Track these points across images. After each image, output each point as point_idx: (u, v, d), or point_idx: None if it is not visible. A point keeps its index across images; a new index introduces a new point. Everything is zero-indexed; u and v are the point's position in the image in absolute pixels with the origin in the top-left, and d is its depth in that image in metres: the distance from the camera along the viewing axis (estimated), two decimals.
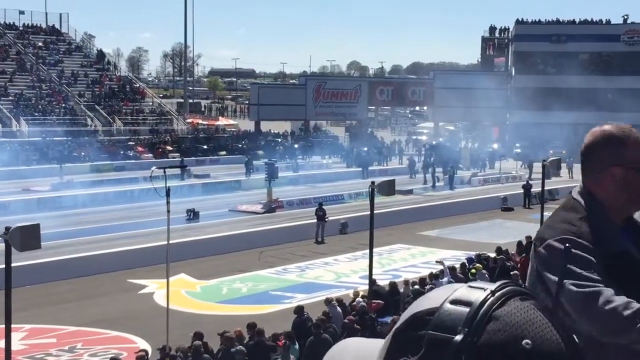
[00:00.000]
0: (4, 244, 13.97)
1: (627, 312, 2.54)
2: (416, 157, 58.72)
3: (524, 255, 23.03)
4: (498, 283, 1.25)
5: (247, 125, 78.91)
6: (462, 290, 1.24)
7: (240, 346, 15.21)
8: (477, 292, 1.23)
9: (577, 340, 1.27)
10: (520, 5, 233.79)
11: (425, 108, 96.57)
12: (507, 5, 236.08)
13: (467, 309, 1.20)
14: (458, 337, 1.18)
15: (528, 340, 1.17)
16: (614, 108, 70.78)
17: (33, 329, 20.23)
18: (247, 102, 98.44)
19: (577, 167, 54.93)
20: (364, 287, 20.31)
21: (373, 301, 18.51)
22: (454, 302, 1.22)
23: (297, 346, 15.56)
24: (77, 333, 19.93)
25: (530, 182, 43.42)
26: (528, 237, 24.56)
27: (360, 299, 18.48)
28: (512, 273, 20.53)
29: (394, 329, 1.27)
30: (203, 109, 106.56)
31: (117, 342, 19.35)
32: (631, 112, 67.85)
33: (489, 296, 1.21)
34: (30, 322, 20.64)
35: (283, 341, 15.52)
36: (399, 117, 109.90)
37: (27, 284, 24.04)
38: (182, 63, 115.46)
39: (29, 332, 19.97)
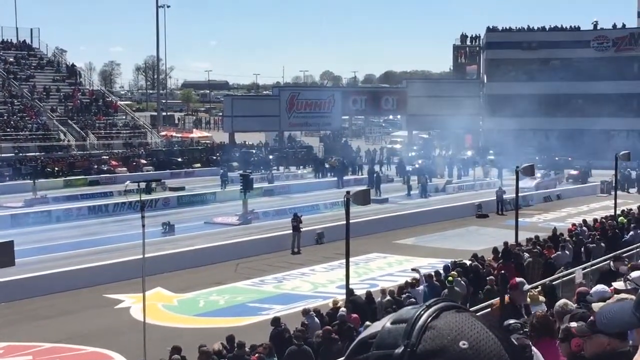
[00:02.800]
0: None
1: None
2: (377, 166, 58.53)
3: (500, 261, 23.13)
4: (434, 299, 1.34)
5: (221, 137, 78.79)
6: (400, 312, 1.34)
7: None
8: (413, 310, 1.32)
9: (516, 343, 1.35)
10: (491, 13, 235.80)
11: (398, 116, 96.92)
12: (478, 13, 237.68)
13: (405, 325, 1.29)
14: (398, 350, 1.27)
15: (464, 342, 1.26)
16: (585, 114, 71.48)
17: (9, 346, 20.03)
18: (220, 113, 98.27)
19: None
20: (341, 297, 20.30)
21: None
22: (394, 322, 1.31)
23: (275, 358, 15.49)
24: (54, 350, 19.76)
25: (502, 188, 43.57)
26: (505, 243, 24.71)
27: (344, 309, 18.38)
28: (488, 279, 20.58)
29: (345, 356, 1.36)
30: (177, 121, 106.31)
31: (95, 358, 19.20)
32: (601, 118, 68.63)
33: (423, 311, 1.31)
34: (5, 340, 20.46)
35: (257, 355, 15.45)
36: (372, 126, 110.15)
37: (2, 302, 23.87)
38: (155, 76, 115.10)
39: (4, 349, 19.77)
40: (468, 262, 23.20)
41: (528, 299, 14.89)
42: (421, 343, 1.26)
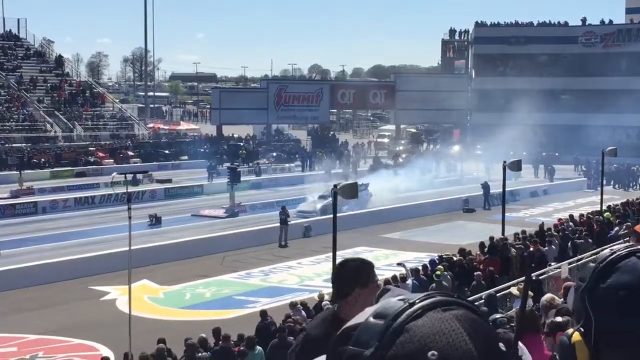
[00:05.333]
0: None
1: None
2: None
3: (487, 256, 23.20)
4: (424, 294, 1.26)
5: (209, 129, 78.65)
6: (387, 303, 1.26)
7: (205, 352, 15.14)
8: (399, 303, 1.24)
9: (503, 348, 1.28)
10: (480, 8, 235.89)
11: (387, 111, 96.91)
12: (466, 8, 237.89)
13: (382, 322, 1.22)
14: (367, 352, 1.20)
15: (434, 352, 1.18)
16: (572, 109, 71.62)
17: None
18: (208, 106, 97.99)
19: (528, 168, 55.17)
20: (328, 291, 20.31)
21: None
22: (376, 315, 1.24)
23: (256, 351, 15.45)
24: (39, 341, 19.71)
25: (488, 183, 43.41)
26: (491, 238, 24.77)
27: (328, 302, 18.39)
28: (475, 274, 20.63)
29: (331, 344, 1.30)
30: (164, 113, 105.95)
31: (80, 350, 19.16)
32: (588, 113, 68.79)
33: (405, 308, 1.23)
34: None
35: (238, 347, 15.46)
36: (360, 120, 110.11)
37: None
38: (143, 68, 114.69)
39: None
40: (455, 257, 23.24)
41: (516, 292, 14.93)
42: (392, 347, 1.20)
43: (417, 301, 1.25)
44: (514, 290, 15.15)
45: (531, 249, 23.66)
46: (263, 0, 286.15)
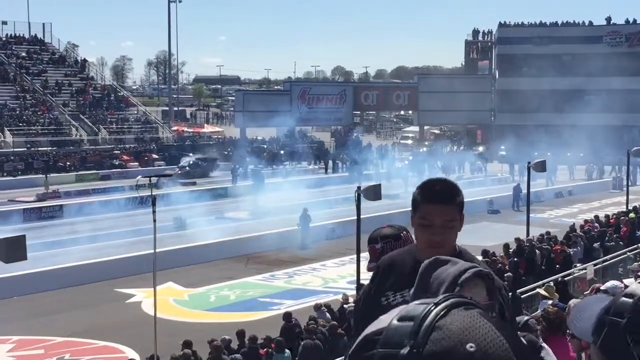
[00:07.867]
0: None
1: None
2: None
3: (512, 257, 23.10)
4: (441, 296, 1.31)
5: (233, 132, 78.82)
6: (408, 307, 1.30)
7: (237, 355, 15.18)
8: (422, 306, 1.28)
9: (525, 342, 1.32)
10: (503, 8, 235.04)
11: (410, 112, 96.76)
12: (489, 8, 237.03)
13: (411, 323, 1.25)
14: (404, 351, 1.23)
15: (472, 344, 1.21)
16: (596, 109, 71.14)
17: (21, 340, 20.13)
18: (232, 108, 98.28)
19: (561, 169, 54.69)
20: (352, 292, 20.29)
21: None
22: (401, 319, 1.27)
23: (285, 354, 15.49)
24: (65, 344, 19.84)
25: (520, 184, 43.18)
26: (517, 239, 24.64)
27: (352, 304, 18.37)
28: (505, 275, 20.50)
29: (349, 353, 1.33)
30: (188, 116, 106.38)
31: (106, 352, 19.27)
32: (613, 113, 68.34)
33: (432, 308, 1.27)
34: (17, 334, 20.56)
35: (265, 350, 15.49)
36: (384, 121, 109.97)
37: (14, 296, 23.98)
38: (167, 71, 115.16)
39: (16, 343, 19.87)
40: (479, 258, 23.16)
41: (544, 292, 14.88)
42: (427, 344, 1.22)
43: (440, 301, 1.29)
44: (542, 291, 15.09)
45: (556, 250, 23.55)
46: (286, 3, 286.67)
